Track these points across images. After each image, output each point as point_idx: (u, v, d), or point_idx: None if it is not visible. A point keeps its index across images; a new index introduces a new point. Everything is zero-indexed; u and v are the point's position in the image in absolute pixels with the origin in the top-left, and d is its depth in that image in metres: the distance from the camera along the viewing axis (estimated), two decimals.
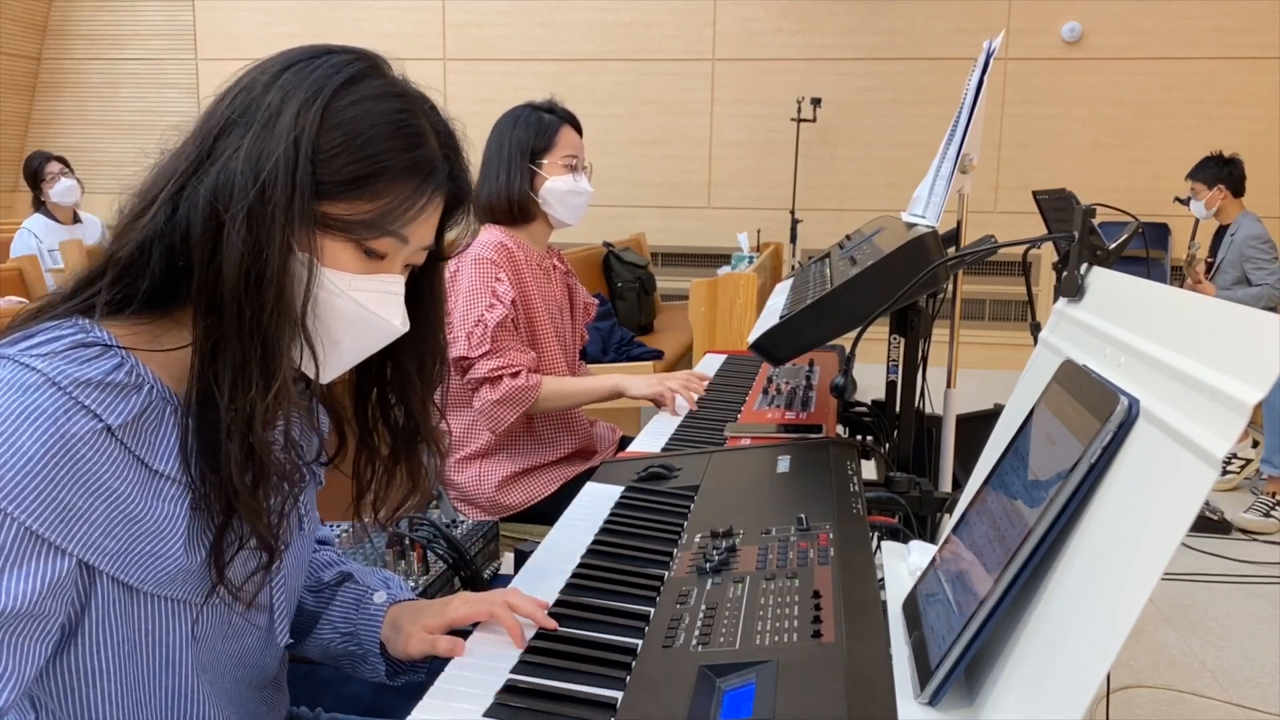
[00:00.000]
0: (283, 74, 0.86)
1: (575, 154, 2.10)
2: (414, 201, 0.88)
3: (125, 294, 0.85)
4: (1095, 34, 6.58)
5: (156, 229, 0.83)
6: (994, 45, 1.78)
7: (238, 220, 0.81)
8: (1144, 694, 2.43)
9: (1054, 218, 4.19)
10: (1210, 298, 0.73)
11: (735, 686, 0.85)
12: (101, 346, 0.81)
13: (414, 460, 1.04)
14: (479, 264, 2.00)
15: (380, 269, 0.90)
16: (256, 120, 0.83)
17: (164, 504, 0.83)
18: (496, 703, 0.88)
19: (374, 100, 0.86)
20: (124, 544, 0.81)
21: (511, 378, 1.98)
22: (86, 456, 0.77)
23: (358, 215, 0.86)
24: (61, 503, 0.76)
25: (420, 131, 0.89)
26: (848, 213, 6.56)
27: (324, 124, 0.84)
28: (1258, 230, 4.42)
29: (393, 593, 1.13)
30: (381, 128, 0.86)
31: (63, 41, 7.79)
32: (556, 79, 6.64)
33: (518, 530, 2.07)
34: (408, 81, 0.92)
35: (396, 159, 0.86)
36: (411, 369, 1.00)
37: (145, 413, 0.82)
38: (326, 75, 0.85)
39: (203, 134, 0.85)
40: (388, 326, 0.92)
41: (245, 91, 0.86)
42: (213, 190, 0.82)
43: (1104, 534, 0.71)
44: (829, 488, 1.32)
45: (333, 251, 0.86)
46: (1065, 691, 0.65)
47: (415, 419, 1.02)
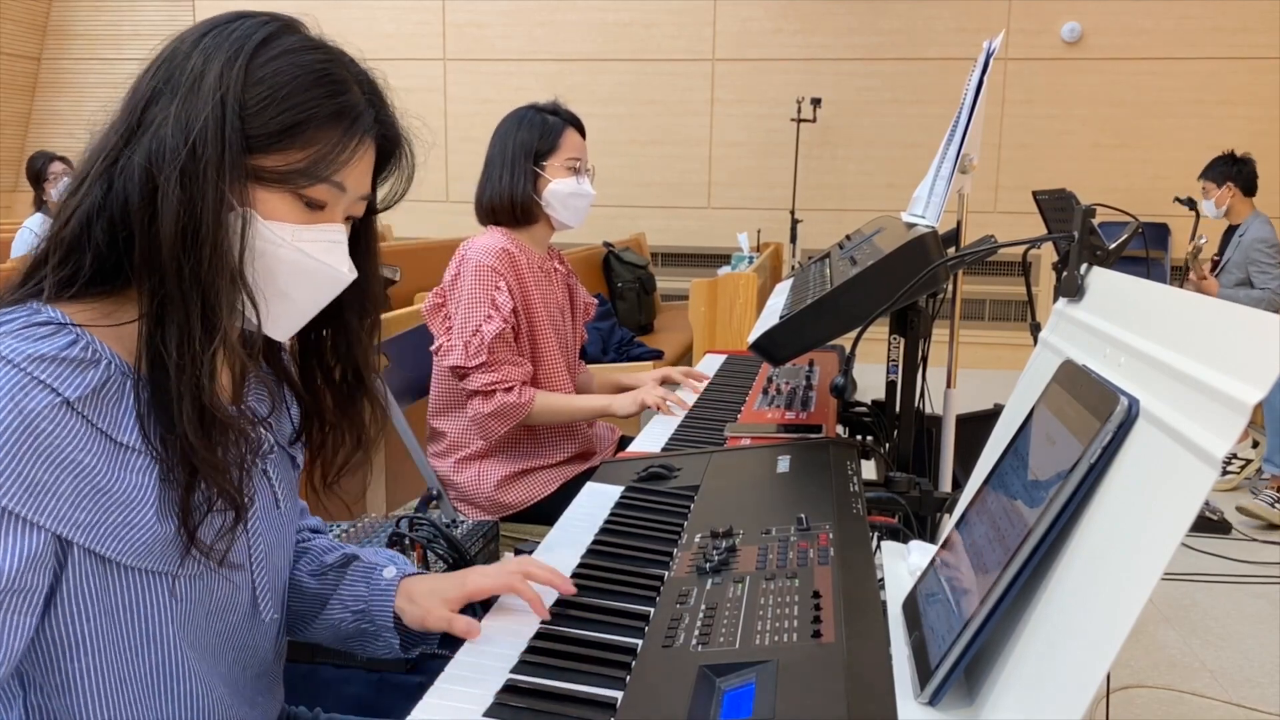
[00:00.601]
0: (202, 39, 0.88)
1: (578, 156, 2.10)
2: (344, 146, 0.90)
3: (72, 273, 0.86)
4: (1095, 34, 6.58)
5: (94, 204, 0.85)
6: (994, 45, 1.78)
7: (172, 180, 0.83)
8: (1144, 694, 2.43)
9: (1054, 218, 4.19)
10: (1211, 297, 0.73)
11: (735, 686, 0.85)
12: (55, 325, 0.83)
13: (356, 415, 1.06)
14: (480, 271, 2.00)
15: (321, 219, 0.92)
16: (182, 85, 0.86)
17: (132, 475, 0.84)
18: (496, 702, 0.88)
19: (294, 54, 0.89)
20: (95, 516, 0.82)
21: (505, 393, 1.99)
22: (48, 431, 0.78)
23: (291, 165, 0.88)
24: (28, 478, 0.77)
25: (342, 79, 0.91)
26: (848, 213, 6.56)
27: (248, 80, 0.86)
28: (1266, 234, 4.41)
29: (400, 566, 1.14)
30: (304, 78, 0.88)
31: (63, 41, 7.80)
32: (556, 79, 6.65)
33: (518, 530, 2.07)
34: (323, 38, 0.94)
35: (321, 106, 0.89)
36: (353, 320, 1.02)
37: (104, 386, 0.83)
38: (245, 34, 0.88)
39: (130, 107, 0.88)
40: (336, 274, 0.94)
41: (168, 61, 0.88)
42: (146, 157, 0.84)
43: (1104, 534, 0.71)
44: (829, 488, 1.32)
45: (272, 204, 0.89)
46: (1065, 691, 0.65)
47: (358, 370, 1.04)
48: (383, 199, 1.02)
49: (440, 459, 2.14)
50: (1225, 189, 4.54)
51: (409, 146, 1.00)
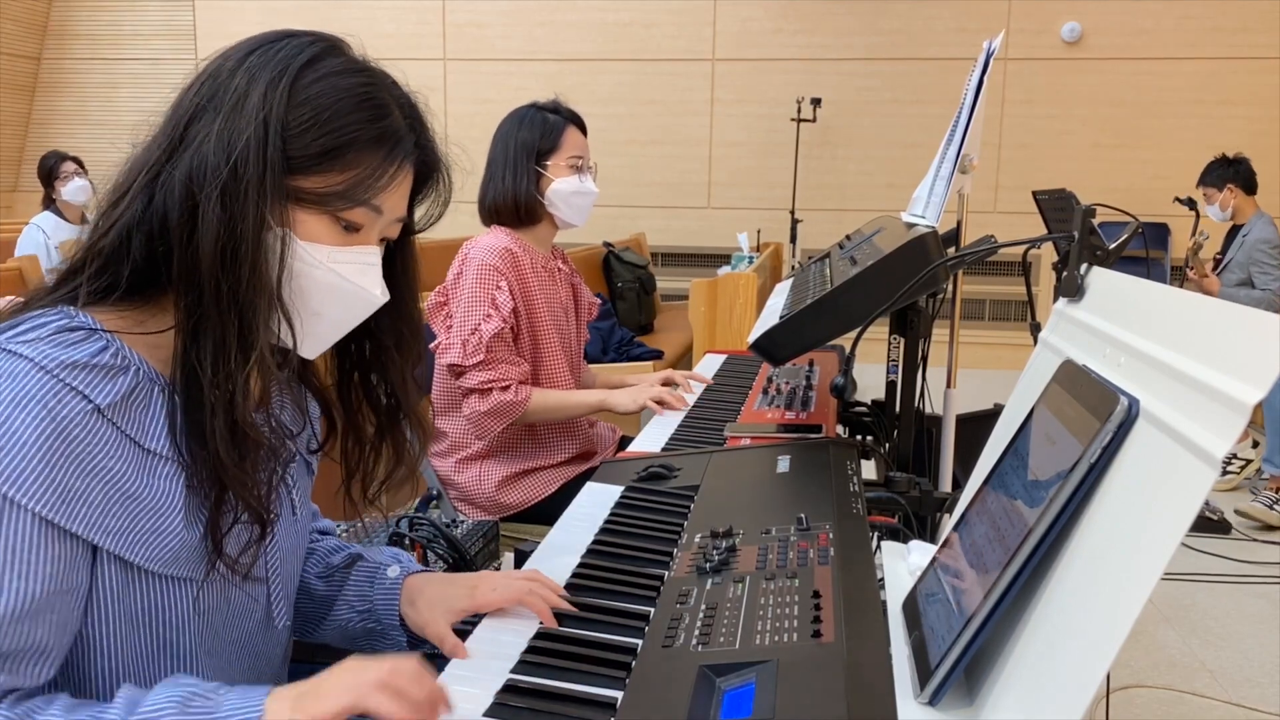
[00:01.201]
0: (247, 58, 0.89)
1: (580, 154, 2.10)
2: (383, 171, 0.91)
3: (109, 283, 0.87)
4: (1095, 34, 6.58)
5: (134, 217, 0.86)
6: (994, 45, 1.78)
7: (212, 199, 0.84)
8: (1144, 694, 2.43)
9: (1054, 218, 4.19)
10: (1211, 297, 0.73)
11: (735, 686, 0.85)
12: (86, 330, 0.84)
13: (398, 436, 1.06)
14: (482, 270, 2.00)
15: (356, 241, 0.93)
16: (225, 104, 0.86)
17: (160, 481, 0.85)
18: (496, 703, 0.88)
19: (337, 76, 0.90)
20: (125, 522, 0.83)
21: (501, 391, 1.98)
22: (80, 438, 0.79)
23: (330, 187, 0.89)
24: (61, 485, 0.78)
25: (384, 103, 0.92)
26: (848, 213, 6.56)
27: (291, 101, 0.87)
28: (1269, 234, 4.41)
29: (405, 564, 1.14)
30: (346, 101, 0.89)
31: (63, 41, 7.79)
32: (556, 79, 6.64)
33: (518, 530, 2.07)
34: (368, 60, 0.95)
35: (363, 130, 0.89)
36: (390, 344, 1.03)
37: (133, 393, 0.84)
38: (290, 55, 0.89)
39: (173, 123, 0.88)
40: (368, 296, 0.94)
41: (211, 79, 0.89)
42: (187, 174, 0.85)
43: (1104, 534, 0.71)
44: (829, 488, 1.32)
45: (308, 225, 0.89)
46: (1065, 691, 0.65)
47: (397, 395, 1.05)
48: (419, 221, 1.02)
49: (441, 459, 2.14)
50: (1227, 191, 4.54)
51: (447, 172, 1.01)
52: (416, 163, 0.96)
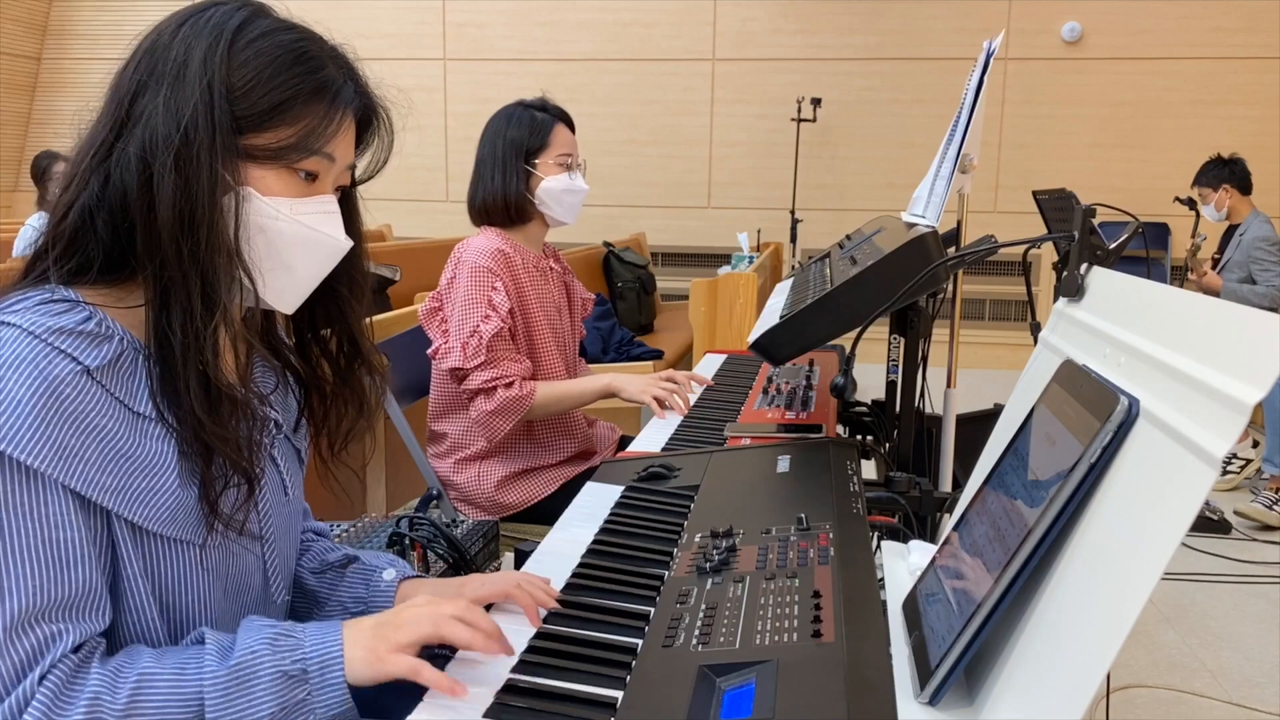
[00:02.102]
0: (180, 29, 0.91)
1: (569, 152, 2.09)
2: (329, 118, 0.94)
3: (80, 264, 0.89)
4: (1095, 34, 6.58)
5: (92, 198, 0.89)
6: (994, 45, 1.78)
7: (166, 167, 0.86)
8: (1144, 694, 2.43)
9: (1054, 218, 4.19)
10: (1213, 295, 0.73)
11: (735, 686, 0.85)
12: (70, 302, 0.86)
13: (356, 383, 1.09)
14: (476, 273, 1.99)
15: (314, 191, 0.95)
16: (167, 75, 0.89)
17: (151, 442, 0.88)
18: (496, 703, 0.88)
19: (270, 35, 0.93)
20: (120, 480, 0.85)
21: (505, 389, 1.98)
22: (72, 396, 0.82)
23: (282, 141, 0.92)
24: (56, 442, 0.80)
25: (318, 56, 0.95)
26: (848, 213, 6.56)
27: (231, 64, 0.90)
28: (1266, 232, 4.42)
29: (400, 569, 1.16)
30: (284, 58, 0.92)
31: (63, 41, 7.79)
32: (556, 79, 6.65)
33: (518, 530, 2.07)
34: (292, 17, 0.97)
35: (303, 83, 0.92)
36: (344, 291, 1.05)
37: (119, 359, 0.87)
38: (222, 20, 0.92)
39: (116, 101, 0.91)
40: (335, 242, 0.98)
41: (149, 54, 0.91)
42: (141, 147, 0.87)
43: (1104, 534, 0.71)
44: (829, 488, 1.32)
45: (267, 180, 0.92)
46: (1065, 691, 0.65)
47: (354, 340, 1.07)
48: (365, 170, 1.05)
49: (440, 459, 2.14)
50: (1222, 191, 4.54)
51: (386, 115, 1.03)
52: (357, 109, 0.98)
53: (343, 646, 0.87)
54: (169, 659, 0.84)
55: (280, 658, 0.85)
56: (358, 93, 0.98)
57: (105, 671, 0.82)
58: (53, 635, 0.81)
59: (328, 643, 0.87)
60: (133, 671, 0.83)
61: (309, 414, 1.09)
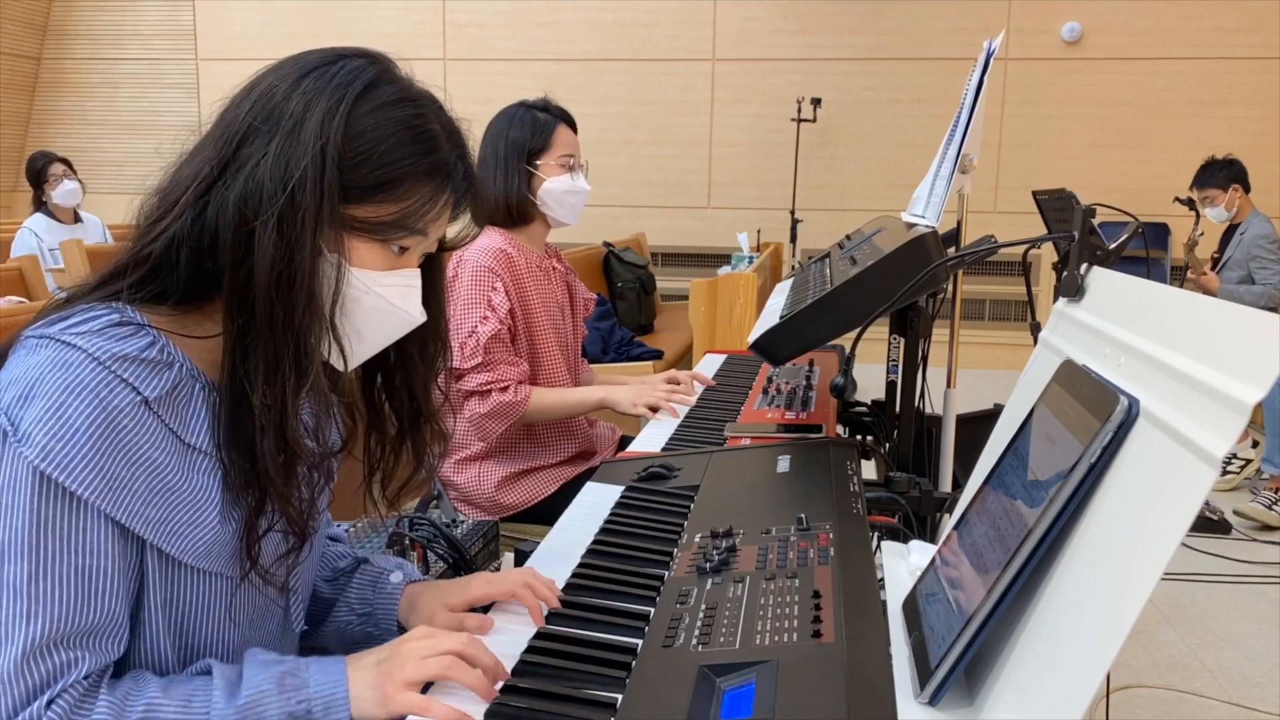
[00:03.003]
0: (302, 81, 0.89)
1: (572, 153, 2.09)
2: (435, 201, 0.93)
3: (156, 292, 0.89)
4: (1095, 34, 6.58)
5: (183, 231, 0.87)
6: (994, 45, 1.78)
7: (269, 226, 0.85)
8: (1144, 694, 2.43)
9: (1054, 218, 4.19)
10: (1211, 294, 0.74)
11: (735, 686, 0.85)
12: (135, 325, 0.86)
13: (418, 439, 1.09)
14: (477, 272, 2.00)
15: (401, 264, 0.95)
16: (281, 128, 0.87)
17: (198, 476, 0.88)
18: (497, 702, 0.88)
19: (392, 107, 0.91)
20: (164, 513, 0.85)
21: (500, 392, 1.98)
22: (128, 428, 0.82)
23: (383, 218, 0.91)
24: (108, 472, 0.81)
25: (435, 135, 0.93)
26: (848, 213, 6.56)
27: (348, 132, 0.88)
28: (1266, 230, 4.42)
29: (408, 573, 1.16)
30: (401, 134, 0.90)
31: (63, 41, 7.79)
32: (556, 79, 6.65)
33: (518, 530, 2.07)
34: (414, 82, 0.96)
35: (417, 164, 0.91)
36: (414, 353, 1.05)
37: (177, 389, 0.87)
38: (345, 82, 0.90)
39: (224, 139, 0.88)
40: (409, 318, 0.98)
41: (265, 98, 0.89)
42: (241, 196, 0.86)
43: (1104, 534, 0.71)
44: (829, 488, 1.32)
45: (360, 251, 0.91)
46: (1065, 691, 0.65)
47: (419, 400, 1.07)
48: (452, 238, 1.05)
49: None
50: (1233, 192, 4.53)
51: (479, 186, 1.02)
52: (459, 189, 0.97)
53: (348, 687, 0.87)
54: (175, 690, 0.84)
55: (286, 698, 0.84)
56: (465, 176, 0.97)
57: (113, 699, 0.81)
58: (70, 662, 0.81)
59: (332, 683, 0.86)
60: (140, 701, 0.82)
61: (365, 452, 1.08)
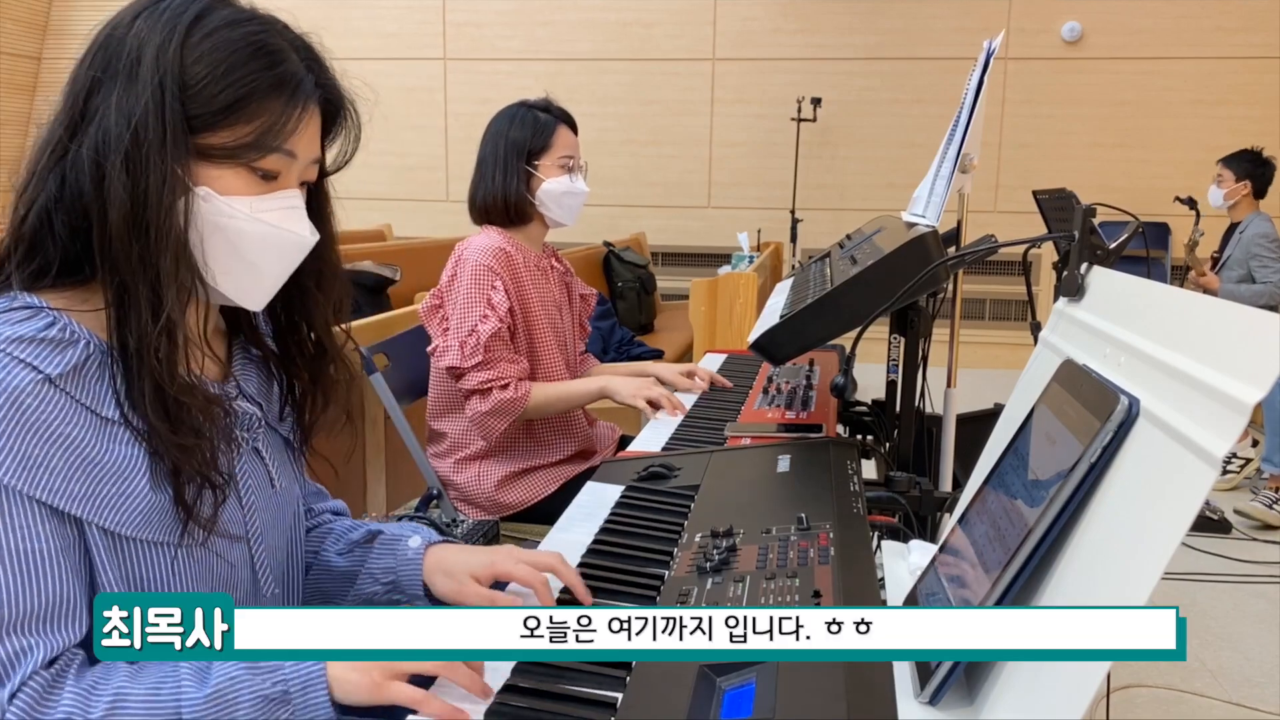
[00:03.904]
0: (134, 22, 0.88)
1: (571, 154, 2.09)
2: (288, 115, 0.91)
3: (40, 265, 0.88)
4: (1095, 34, 6.58)
5: (50, 198, 0.87)
6: (994, 45, 1.78)
7: (116, 168, 0.84)
8: (1144, 694, 2.43)
9: (1054, 217, 4.19)
10: (1211, 294, 0.74)
11: (735, 686, 0.85)
12: (32, 309, 0.85)
13: (325, 379, 1.07)
14: (477, 271, 2.00)
15: (276, 188, 0.93)
16: (120, 72, 0.86)
17: (120, 446, 0.86)
18: (497, 702, 0.88)
19: (228, 28, 0.89)
20: (89, 487, 0.84)
21: (501, 390, 1.98)
22: (33, 406, 0.80)
23: (239, 140, 0.89)
24: (19, 452, 0.79)
25: (278, 48, 0.91)
26: (848, 213, 6.56)
27: (184, 60, 0.87)
28: (1266, 229, 4.42)
29: (425, 535, 1.15)
30: (241, 52, 0.89)
31: (63, 41, 7.79)
32: (556, 79, 6.64)
33: (518, 529, 2.07)
34: (254, 7, 0.94)
35: (261, 78, 0.89)
36: (311, 285, 1.03)
37: (84, 364, 0.85)
38: (177, 13, 0.88)
39: (72, 98, 0.88)
40: (299, 239, 0.95)
41: (103, 48, 0.89)
42: (94, 147, 0.85)
43: (1104, 534, 0.71)
44: (829, 487, 1.32)
45: (225, 180, 0.90)
46: (1065, 691, 0.65)
47: (321, 336, 1.06)
48: (333, 161, 1.02)
49: (440, 459, 2.14)
50: (1241, 185, 4.53)
51: (353, 107, 1.00)
52: (321, 102, 0.95)
53: (325, 666, 0.84)
54: (145, 678, 0.82)
55: (260, 680, 0.82)
56: (320, 85, 0.95)
57: (79, 689, 0.80)
58: (22, 650, 0.79)
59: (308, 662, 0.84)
60: (108, 689, 0.80)
61: (290, 403, 1.07)
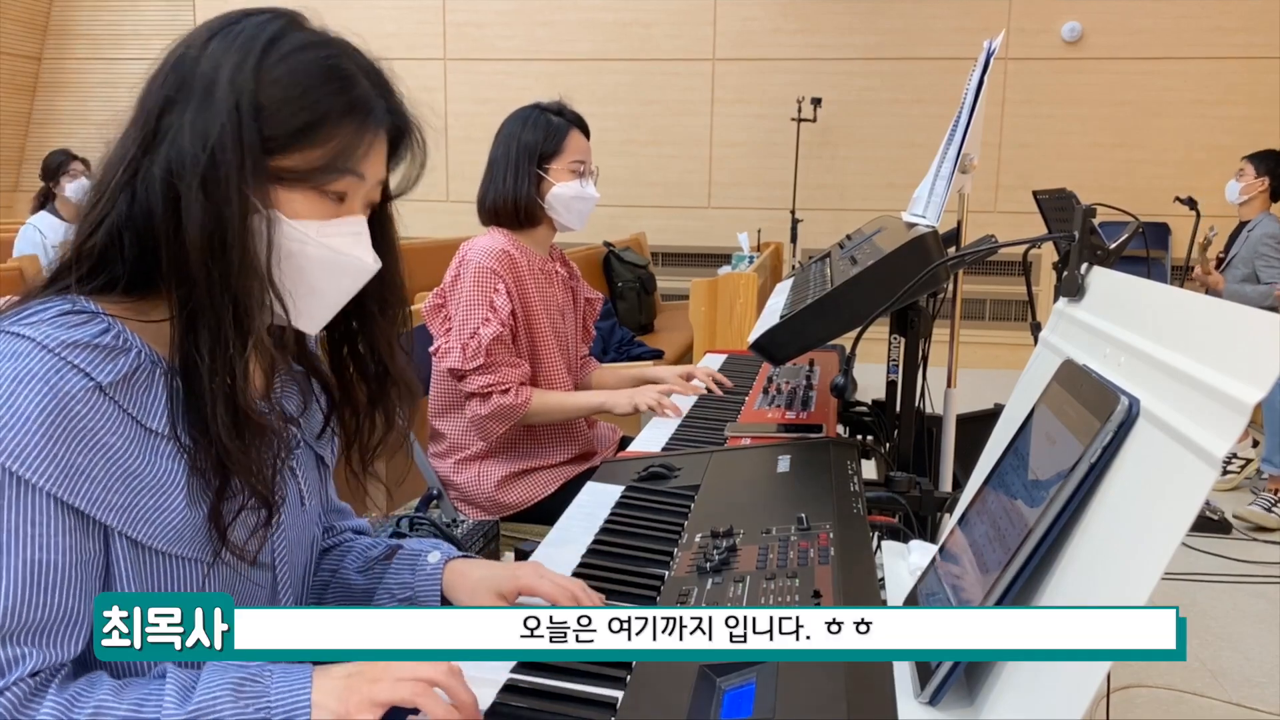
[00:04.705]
0: (209, 43, 0.88)
1: (583, 159, 2.09)
2: (360, 138, 0.91)
3: (106, 282, 0.88)
4: (1095, 34, 6.58)
5: (120, 216, 0.87)
6: (994, 45, 1.78)
7: (193, 189, 0.84)
8: (1144, 694, 2.43)
9: (1054, 217, 4.19)
10: (1216, 294, 0.74)
11: (735, 686, 0.85)
12: (89, 314, 0.85)
13: (387, 403, 1.07)
14: (480, 273, 2.00)
15: (343, 212, 0.93)
16: (195, 92, 0.86)
17: (161, 460, 0.86)
18: (497, 702, 0.88)
19: (302, 51, 0.90)
20: (127, 499, 0.84)
21: (501, 394, 1.98)
22: (81, 414, 0.81)
23: (311, 163, 0.89)
24: (63, 460, 0.79)
25: (350, 73, 0.92)
26: (848, 213, 6.56)
27: (260, 83, 0.87)
28: (1273, 229, 4.42)
29: (445, 551, 1.15)
30: (315, 75, 0.89)
31: (63, 41, 7.79)
32: (556, 79, 6.64)
33: (518, 530, 2.07)
34: (327, 30, 0.95)
35: (334, 102, 0.90)
36: (375, 310, 1.03)
37: (135, 373, 0.85)
38: (252, 36, 0.89)
39: (144, 117, 0.88)
40: (362, 265, 0.96)
41: (176, 68, 0.88)
42: (166, 167, 0.85)
43: (1104, 534, 0.71)
44: (829, 487, 1.32)
45: (295, 203, 0.90)
46: (1065, 691, 0.65)
47: (383, 360, 1.05)
48: (396, 186, 1.03)
49: (441, 459, 2.14)
50: (1260, 181, 4.52)
51: (419, 133, 1.01)
52: (389, 127, 0.96)
53: (310, 695, 0.81)
54: (129, 693, 0.80)
55: (242, 705, 0.79)
56: (390, 111, 0.96)
57: (60, 700, 0.78)
58: (13, 659, 0.78)
59: (295, 692, 0.81)
60: (89, 703, 0.79)
61: (340, 425, 1.07)
